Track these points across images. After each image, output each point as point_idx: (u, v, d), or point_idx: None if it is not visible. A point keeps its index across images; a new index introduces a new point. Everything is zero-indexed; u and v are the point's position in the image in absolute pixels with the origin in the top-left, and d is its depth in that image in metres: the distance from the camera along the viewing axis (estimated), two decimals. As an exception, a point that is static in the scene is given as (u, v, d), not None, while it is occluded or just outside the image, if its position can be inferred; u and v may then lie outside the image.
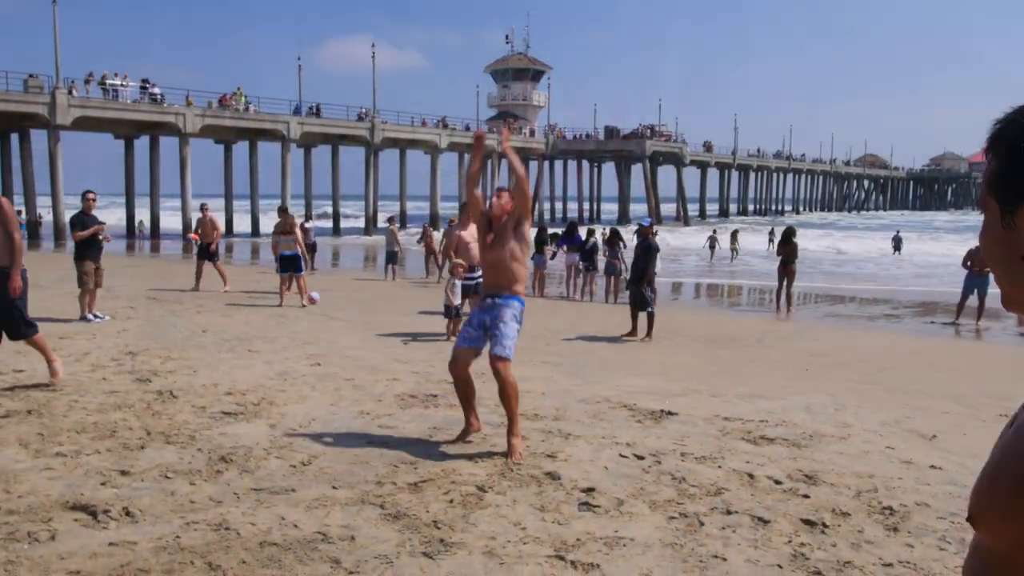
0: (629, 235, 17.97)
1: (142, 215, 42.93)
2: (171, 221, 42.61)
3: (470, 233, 10.58)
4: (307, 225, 20.82)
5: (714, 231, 35.20)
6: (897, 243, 36.96)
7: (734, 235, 33.77)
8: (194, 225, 16.29)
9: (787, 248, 16.09)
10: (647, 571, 3.55)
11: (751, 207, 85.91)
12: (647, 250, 11.72)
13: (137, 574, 3.40)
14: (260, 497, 4.34)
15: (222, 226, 16.12)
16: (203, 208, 16.61)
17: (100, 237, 11.16)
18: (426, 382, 7.47)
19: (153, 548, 3.65)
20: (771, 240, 33.72)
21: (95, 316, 10.79)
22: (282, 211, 15.34)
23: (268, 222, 22.54)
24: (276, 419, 5.97)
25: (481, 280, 11.26)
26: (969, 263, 14.35)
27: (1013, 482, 0.87)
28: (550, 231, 20.48)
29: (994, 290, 10.90)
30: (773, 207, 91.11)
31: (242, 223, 46.32)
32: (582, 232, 19.33)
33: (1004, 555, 0.91)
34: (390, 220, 22.58)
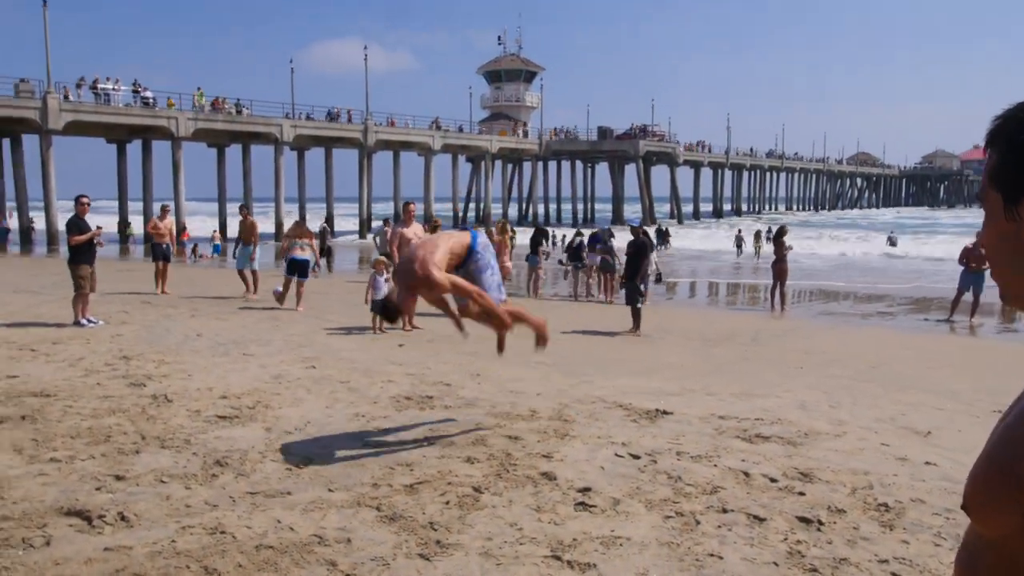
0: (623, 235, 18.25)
1: (134, 219, 42.66)
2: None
3: (412, 231, 11.14)
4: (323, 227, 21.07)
5: (739, 230, 36.17)
6: (892, 241, 37.87)
7: (757, 235, 34.94)
8: (141, 224, 16.93)
9: (778, 245, 16.16)
10: (644, 570, 3.55)
11: (744, 206, 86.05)
12: (640, 248, 12.30)
13: (133, 579, 3.39)
14: (256, 500, 4.33)
15: (174, 229, 16.82)
16: (163, 209, 17.31)
17: (95, 241, 11.13)
18: (421, 383, 7.46)
19: (149, 553, 3.64)
20: (767, 238, 34.30)
21: (89, 321, 10.75)
22: (243, 209, 15.81)
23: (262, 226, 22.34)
24: (271, 422, 5.96)
25: None
26: (965, 260, 14.40)
27: (1005, 472, 0.89)
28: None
29: (990, 286, 10.86)
30: (767, 206, 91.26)
31: (235, 226, 46.13)
32: (569, 233, 19.93)
33: (996, 543, 0.93)
34: (385, 222, 22.53)
